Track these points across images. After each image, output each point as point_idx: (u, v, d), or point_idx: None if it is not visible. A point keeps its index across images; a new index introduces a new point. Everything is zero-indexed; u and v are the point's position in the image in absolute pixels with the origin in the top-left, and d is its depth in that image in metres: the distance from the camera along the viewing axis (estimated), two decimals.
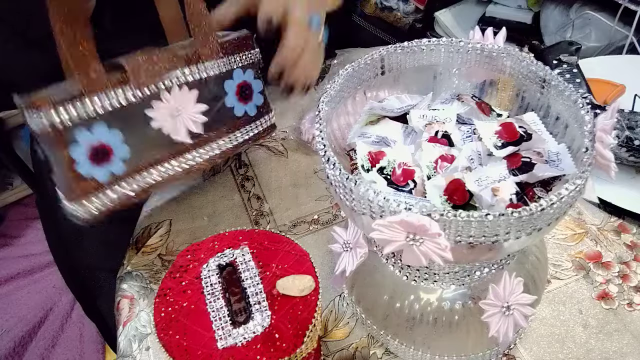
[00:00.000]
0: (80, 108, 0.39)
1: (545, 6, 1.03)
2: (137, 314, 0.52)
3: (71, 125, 0.39)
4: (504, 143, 0.38)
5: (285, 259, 0.38)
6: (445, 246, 0.29)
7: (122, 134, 0.41)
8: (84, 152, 0.40)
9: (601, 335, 0.46)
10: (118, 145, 0.41)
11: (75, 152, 0.39)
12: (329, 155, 0.33)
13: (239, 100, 0.49)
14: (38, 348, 1.03)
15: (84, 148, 0.39)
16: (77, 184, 0.40)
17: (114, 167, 0.41)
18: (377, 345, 0.47)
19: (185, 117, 0.44)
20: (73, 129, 0.39)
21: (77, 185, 0.40)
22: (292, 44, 0.50)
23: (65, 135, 0.39)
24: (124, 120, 0.41)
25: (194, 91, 0.44)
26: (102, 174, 0.41)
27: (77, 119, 0.39)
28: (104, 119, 0.40)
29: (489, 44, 0.40)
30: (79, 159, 0.39)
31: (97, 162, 0.40)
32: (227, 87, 0.48)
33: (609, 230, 0.55)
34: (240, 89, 0.49)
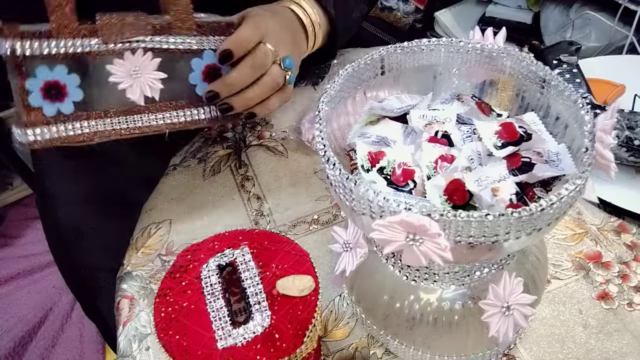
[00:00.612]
0: (44, 46, 0.42)
1: (545, 6, 1.04)
2: (137, 314, 0.52)
3: (32, 59, 0.42)
4: (503, 143, 0.38)
5: (285, 259, 0.38)
6: (445, 246, 0.29)
7: (80, 79, 0.44)
8: (38, 85, 0.43)
9: (601, 335, 0.46)
10: (72, 88, 0.44)
11: (31, 85, 0.42)
12: (329, 155, 0.33)
13: (203, 80, 0.50)
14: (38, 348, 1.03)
15: (39, 82, 0.42)
16: (26, 112, 0.43)
17: (63, 106, 0.44)
18: (377, 345, 0.47)
19: (142, 80, 0.46)
20: (34, 63, 0.42)
21: (26, 113, 0.43)
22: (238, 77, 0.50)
23: (25, 66, 0.42)
24: (84, 67, 0.44)
25: (157, 59, 0.46)
26: (51, 109, 0.44)
27: (39, 55, 0.42)
28: (66, 62, 0.43)
29: (489, 44, 0.40)
30: (33, 90, 0.42)
31: (50, 98, 0.43)
32: (194, 65, 0.49)
33: (609, 230, 0.55)
34: (209, 70, 0.49)
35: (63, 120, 0.44)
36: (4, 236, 1.37)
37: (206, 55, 0.49)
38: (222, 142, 0.69)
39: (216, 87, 0.50)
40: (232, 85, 0.50)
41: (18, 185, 1.51)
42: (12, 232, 1.40)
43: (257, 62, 0.50)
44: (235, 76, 0.50)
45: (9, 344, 1.02)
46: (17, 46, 0.40)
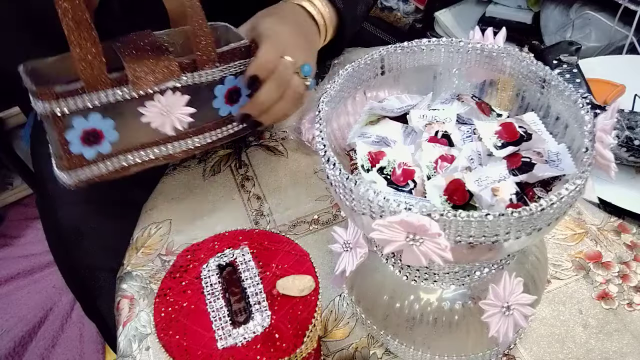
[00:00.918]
0: (79, 101, 0.43)
1: (545, 6, 1.04)
2: (137, 314, 0.52)
3: (69, 114, 0.43)
4: (504, 143, 0.38)
5: (285, 259, 0.38)
6: (445, 246, 0.29)
7: (114, 122, 0.46)
8: (77, 135, 0.45)
9: (601, 335, 0.46)
10: (109, 131, 0.46)
11: (70, 135, 0.44)
12: (329, 155, 0.33)
13: (226, 103, 0.52)
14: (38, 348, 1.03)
15: (78, 132, 0.44)
16: (68, 159, 0.45)
17: (102, 148, 0.46)
18: (377, 345, 0.47)
19: (173, 117, 0.48)
20: (70, 117, 0.44)
21: (67, 160, 0.45)
22: (267, 96, 0.52)
23: (63, 121, 0.43)
24: (117, 112, 0.46)
25: (185, 96, 0.48)
26: (91, 153, 0.46)
27: (75, 110, 0.44)
28: (100, 110, 0.45)
29: (489, 44, 0.40)
30: (73, 140, 0.44)
31: (88, 143, 0.45)
32: (217, 92, 0.51)
33: (609, 230, 0.55)
34: (230, 93, 0.51)
35: (103, 159, 0.47)
36: (4, 236, 1.37)
37: (227, 80, 0.51)
38: None
39: (247, 109, 0.53)
40: (262, 104, 0.52)
41: (18, 185, 1.51)
42: (12, 232, 1.40)
43: (281, 79, 0.53)
44: (264, 96, 0.52)
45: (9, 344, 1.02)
46: (54, 106, 0.42)
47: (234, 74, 0.51)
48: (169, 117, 0.48)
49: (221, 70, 0.49)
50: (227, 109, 0.52)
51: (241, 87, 0.52)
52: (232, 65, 0.50)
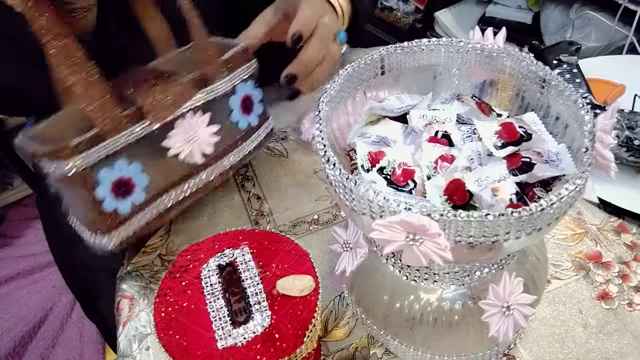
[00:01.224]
0: (101, 150, 0.40)
1: (545, 6, 1.04)
2: (137, 314, 0.52)
3: (94, 168, 0.40)
4: (503, 143, 0.38)
5: (285, 259, 0.38)
6: (445, 246, 0.29)
7: (141, 164, 0.43)
8: (107, 189, 0.41)
9: (601, 335, 0.46)
10: (138, 176, 0.43)
11: (100, 192, 0.40)
12: (329, 155, 0.33)
13: (243, 113, 0.50)
14: (38, 348, 1.03)
15: (107, 186, 0.41)
16: (102, 220, 0.41)
17: (135, 197, 0.43)
18: (377, 345, 0.47)
19: (200, 141, 0.46)
20: (96, 171, 0.40)
21: (102, 221, 0.41)
22: (313, 54, 0.51)
23: (89, 177, 0.39)
24: (142, 152, 0.43)
25: (206, 115, 0.46)
26: (125, 206, 0.42)
27: (100, 161, 0.40)
28: (124, 154, 0.41)
29: (489, 44, 0.40)
30: (104, 197, 0.41)
31: (120, 195, 0.42)
32: (232, 103, 0.49)
33: (609, 230, 0.55)
34: (244, 102, 0.50)
35: (139, 210, 0.43)
36: (4, 236, 1.37)
37: (239, 88, 0.49)
38: None
39: (293, 69, 0.50)
40: (309, 63, 0.51)
41: (18, 185, 1.51)
42: (12, 232, 1.40)
43: (323, 37, 0.51)
44: (310, 53, 0.51)
45: (9, 344, 1.02)
46: (78, 163, 0.39)
47: (243, 79, 0.49)
48: (196, 142, 0.45)
49: (231, 79, 0.48)
50: (246, 120, 0.50)
51: (252, 93, 0.51)
52: (239, 71, 0.49)
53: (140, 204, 0.43)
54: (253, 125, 0.51)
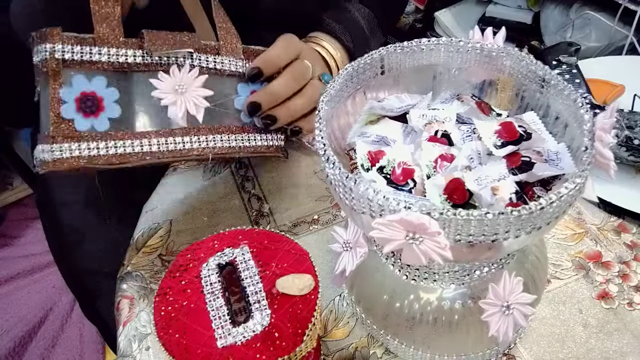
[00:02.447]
0: (85, 52, 0.39)
1: (545, 6, 1.04)
2: (137, 314, 0.52)
3: (70, 66, 0.38)
4: (503, 142, 0.38)
5: (285, 258, 0.38)
6: (444, 245, 0.29)
7: (119, 93, 0.41)
8: (74, 95, 0.39)
9: (601, 335, 0.46)
10: (110, 103, 0.40)
11: (66, 94, 0.38)
12: (329, 154, 0.33)
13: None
14: (38, 348, 1.03)
15: (75, 92, 0.39)
16: (56, 125, 0.38)
17: (97, 122, 0.40)
18: (377, 345, 0.47)
19: (187, 96, 0.43)
20: (72, 71, 0.38)
21: (55, 126, 0.38)
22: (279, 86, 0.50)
23: (62, 74, 0.38)
24: (125, 82, 0.41)
25: (203, 76, 0.44)
26: (83, 124, 0.39)
27: (80, 62, 0.39)
28: (106, 74, 0.40)
29: (489, 43, 0.40)
30: (68, 101, 0.39)
31: (84, 111, 0.39)
32: (241, 90, 0.47)
33: (609, 230, 0.55)
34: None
35: (95, 137, 0.40)
36: (4, 236, 1.37)
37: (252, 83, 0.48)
38: None
39: (258, 96, 0.49)
40: (274, 93, 0.49)
41: (18, 185, 1.51)
42: (12, 232, 1.40)
43: (297, 72, 0.51)
44: (277, 84, 0.50)
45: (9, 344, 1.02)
46: (57, 49, 0.37)
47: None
48: (183, 97, 0.42)
49: (243, 66, 0.46)
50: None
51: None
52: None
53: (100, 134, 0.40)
54: (258, 125, 0.50)
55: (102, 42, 0.39)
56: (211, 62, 0.44)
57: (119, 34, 0.40)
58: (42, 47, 0.38)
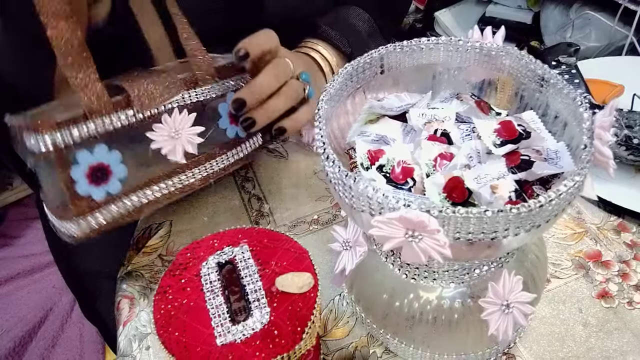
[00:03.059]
0: (83, 130, 0.39)
1: (545, 6, 1.04)
2: (138, 314, 0.52)
3: (73, 146, 0.39)
4: (503, 141, 0.38)
5: (285, 256, 0.38)
6: (444, 242, 0.29)
7: (121, 154, 0.42)
8: (83, 172, 0.40)
9: (601, 334, 0.46)
10: (116, 165, 0.42)
11: (76, 173, 0.40)
12: (329, 153, 0.33)
13: (231, 122, 0.50)
14: (38, 348, 1.03)
15: (83, 168, 0.40)
16: (74, 203, 0.40)
17: (111, 186, 0.42)
18: (377, 344, 0.47)
19: (183, 138, 0.45)
20: (74, 150, 0.40)
21: (74, 204, 0.40)
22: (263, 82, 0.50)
23: (66, 156, 0.39)
24: (123, 141, 0.42)
25: (193, 114, 0.45)
26: (99, 193, 0.41)
27: (79, 140, 0.39)
28: (105, 139, 0.41)
29: (488, 43, 0.41)
30: (79, 179, 0.40)
31: (95, 182, 0.41)
32: (222, 110, 0.49)
33: (609, 229, 0.55)
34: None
35: (112, 200, 0.42)
36: (4, 236, 1.37)
37: (229, 97, 0.49)
38: None
39: (243, 94, 0.50)
40: (257, 90, 0.50)
41: (18, 185, 1.51)
42: (12, 232, 1.40)
43: (279, 69, 0.51)
44: (259, 81, 0.50)
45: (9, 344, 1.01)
46: (57, 138, 0.38)
47: (234, 89, 0.50)
48: (179, 140, 0.45)
49: (221, 86, 0.48)
50: (233, 129, 0.50)
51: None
52: (231, 80, 0.49)
53: (115, 195, 0.42)
54: (241, 136, 0.51)
55: (92, 112, 0.40)
56: (194, 97, 0.46)
57: (105, 99, 0.40)
58: (39, 139, 0.38)
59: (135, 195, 0.44)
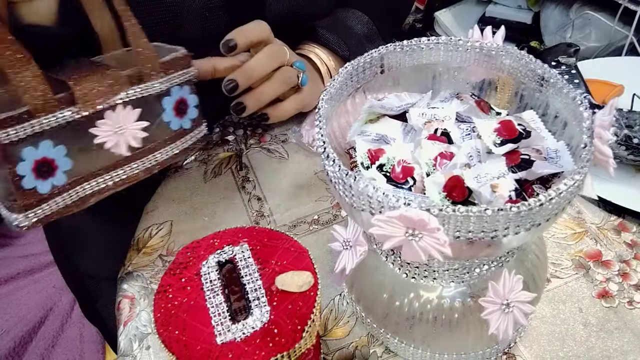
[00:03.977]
0: (27, 128, 0.40)
1: (545, 6, 1.04)
2: (138, 314, 0.52)
3: (18, 144, 0.40)
4: (503, 140, 0.38)
5: (285, 255, 0.38)
6: (444, 241, 0.29)
7: (66, 148, 0.43)
8: (29, 167, 0.41)
9: (602, 334, 0.46)
10: (61, 159, 0.43)
11: (22, 169, 0.41)
12: (329, 152, 0.33)
13: (175, 115, 0.50)
14: (38, 348, 1.03)
15: (29, 163, 0.41)
16: (21, 197, 0.41)
17: (56, 179, 0.43)
18: (377, 343, 0.47)
19: (127, 134, 0.46)
20: (20, 147, 0.41)
21: (21, 198, 0.41)
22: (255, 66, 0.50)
23: (12, 153, 0.40)
24: (68, 136, 0.43)
25: (137, 110, 0.46)
26: (45, 186, 0.43)
27: (24, 137, 0.41)
28: (49, 135, 0.42)
29: (488, 42, 0.41)
30: (25, 174, 0.41)
31: (41, 175, 0.42)
32: (165, 104, 0.49)
33: (609, 229, 0.55)
34: (178, 105, 0.50)
35: (58, 192, 0.44)
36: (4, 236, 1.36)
37: (173, 91, 0.49)
38: (224, 145, 0.69)
39: (235, 75, 0.50)
40: (251, 73, 0.50)
41: None
42: (12, 232, 1.39)
43: (272, 53, 0.50)
44: (252, 64, 0.50)
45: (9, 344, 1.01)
46: (2, 136, 0.39)
47: (179, 84, 0.50)
48: (123, 135, 0.46)
49: (166, 81, 0.48)
50: (178, 122, 0.51)
51: (187, 97, 0.51)
52: (176, 75, 0.49)
53: (61, 187, 0.44)
54: (185, 128, 0.51)
55: (37, 110, 0.41)
56: (138, 93, 0.46)
57: (49, 97, 0.41)
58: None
59: (81, 187, 0.45)
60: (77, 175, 0.45)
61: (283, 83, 0.53)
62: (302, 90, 0.57)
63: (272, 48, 0.51)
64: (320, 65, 0.62)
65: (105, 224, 0.73)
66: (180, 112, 0.51)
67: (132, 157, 0.48)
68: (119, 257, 0.60)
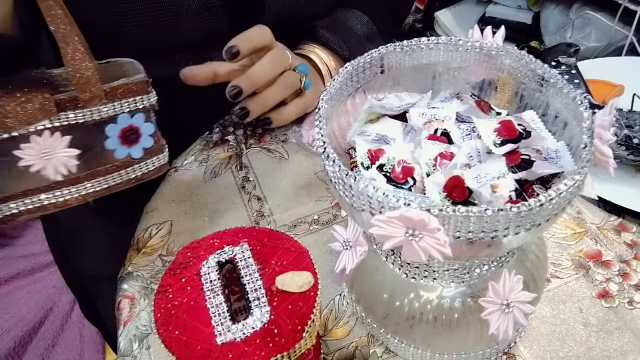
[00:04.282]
0: None
1: (545, 6, 1.04)
2: (138, 314, 0.52)
3: None
4: (503, 140, 0.38)
5: (285, 255, 0.38)
6: (444, 241, 0.29)
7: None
8: None
9: (602, 334, 0.46)
10: None
11: None
12: (329, 152, 0.33)
13: (121, 144, 0.47)
14: (38, 348, 1.03)
15: None
16: None
17: None
18: (377, 344, 0.47)
19: (55, 160, 0.44)
20: None
21: None
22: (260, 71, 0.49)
23: None
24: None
25: (66, 137, 0.43)
26: None
27: None
28: None
29: (488, 42, 0.41)
30: None
31: None
32: (109, 131, 0.46)
33: (609, 229, 0.55)
34: (125, 133, 0.47)
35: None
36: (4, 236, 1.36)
37: (120, 119, 0.46)
38: (224, 145, 0.69)
39: (239, 81, 0.49)
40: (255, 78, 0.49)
41: None
42: (12, 232, 1.39)
43: (276, 58, 0.50)
44: (256, 69, 0.50)
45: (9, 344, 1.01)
46: None
47: (130, 111, 0.46)
48: (51, 161, 0.43)
49: (111, 108, 0.45)
50: (125, 150, 0.47)
51: (139, 126, 0.47)
52: (126, 101, 0.46)
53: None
54: (135, 157, 0.48)
55: None
56: (72, 119, 0.43)
57: None
58: None
59: (10, 204, 0.43)
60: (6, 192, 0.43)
61: (287, 87, 0.53)
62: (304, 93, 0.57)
63: (275, 53, 0.51)
64: (321, 65, 0.62)
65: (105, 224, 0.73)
66: (128, 140, 0.47)
67: (66, 183, 0.45)
68: (119, 257, 0.60)
